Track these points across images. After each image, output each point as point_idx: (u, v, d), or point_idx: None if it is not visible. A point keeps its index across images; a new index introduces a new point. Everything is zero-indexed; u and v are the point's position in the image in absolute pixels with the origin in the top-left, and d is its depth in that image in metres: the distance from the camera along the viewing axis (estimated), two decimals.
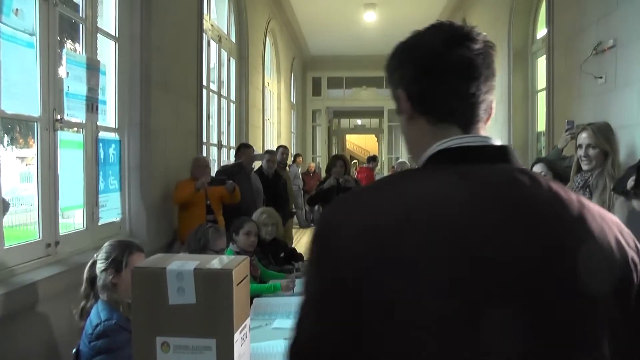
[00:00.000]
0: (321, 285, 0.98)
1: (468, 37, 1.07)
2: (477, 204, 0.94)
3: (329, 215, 1.03)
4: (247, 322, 1.67)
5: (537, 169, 3.95)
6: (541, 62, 7.29)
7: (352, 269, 0.92)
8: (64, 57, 3.73)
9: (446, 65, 1.06)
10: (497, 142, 1.05)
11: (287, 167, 8.76)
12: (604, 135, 3.60)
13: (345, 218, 0.98)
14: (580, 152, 3.66)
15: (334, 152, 21.67)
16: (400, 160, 10.87)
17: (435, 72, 1.06)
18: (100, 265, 2.61)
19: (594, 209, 1.00)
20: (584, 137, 3.65)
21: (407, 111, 1.11)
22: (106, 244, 2.71)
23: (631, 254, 0.98)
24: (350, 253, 0.93)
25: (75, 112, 3.82)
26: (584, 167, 3.59)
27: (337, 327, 0.95)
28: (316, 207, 8.24)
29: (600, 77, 4.72)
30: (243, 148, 6.71)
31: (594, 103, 4.92)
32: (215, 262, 1.58)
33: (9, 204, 3.56)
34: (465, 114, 1.07)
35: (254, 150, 6.86)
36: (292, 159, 13.47)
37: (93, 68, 4.04)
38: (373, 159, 10.68)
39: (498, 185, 0.98)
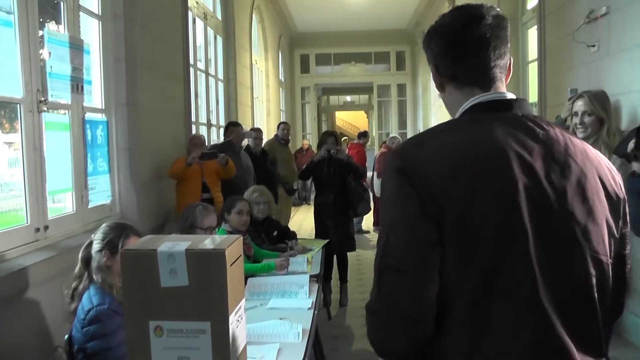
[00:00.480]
0: (408, 209, 1.21)
1: (481, 16, 1.35)
2: (509, 143, 1.25)
3: (408, 152, 1.28)
4: (242, 303, 1.62)
5: None
6: (532, 33, 7.21)
7: (436, 192, 1.20)
8: (46, 36, 3.62)
9: (463, 42, 1.36)
10: (510, 95, 1.38)
11: (288, 144, 8.59)
12: (600, 102, 3.56)
13: (427, 153, 1.25)
14: (576, 119, 3.62)
15: (324, 129, 21.55)
16: (391, 135, 10.78)
17: (456, 47, 1.37)
18: (96, 246, 2.55)
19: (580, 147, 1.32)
20: (579, 105, 3.61)
21: (437, 82, 1.44)
22: (104, 224, 2.65)
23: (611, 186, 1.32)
24: (434, 179, 1.20)
25: (59, 93, 3.72)
26: (579, 134, 3.54)
27: (425, 241, 1.20)
28: (308, 182, 8.13)
29: (593, 46, 4.66)
30: (232, 126, 6.63)
31: (588, 72, 4.87)
32: (208, 242, 1.52)
33: None
34: (481, 78, 1.38)
35: (242, 128, 6.79)
36: None
37: (76, 47, 3.93)
38: (364, 134, 10.59)
39: (515, 128, 1.29)
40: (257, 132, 7.47)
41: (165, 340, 1.47)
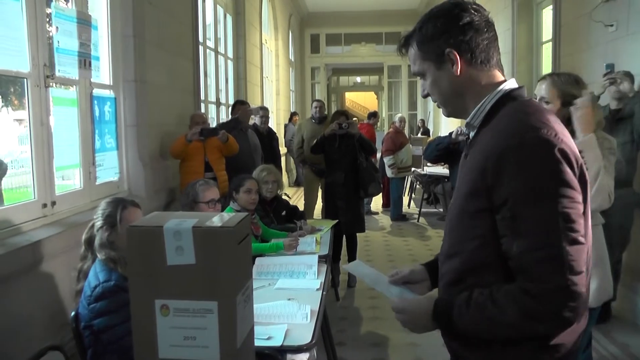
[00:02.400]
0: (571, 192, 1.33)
1: (480, 8, 1.52)
2: None
3: (541, 128, 1.35)
4: (250, 282, 1.58)
5: None
6: (546, 13, 7.09)
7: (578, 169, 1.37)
8: (53, 11, 3.56)
9: (486, 27, 1.49)
10: None
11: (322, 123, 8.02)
12: (562, 89, 2.79)
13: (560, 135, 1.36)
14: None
15: (333, 109, 21.44)
16: (399, 115, 10.67)
17: (481, 32, 1.48)
18: (97, 224, 2.53)
19: None
20: (538, 89, 2.89)
21: (459, 65, 1.48)
22: (101, 202, 2.62)
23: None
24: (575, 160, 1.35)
25: (67, 68, 3.67)
26: None
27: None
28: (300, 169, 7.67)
29: (611, 25, 4.55)
30: (238, 105, 6.56)
31: (604, 52, 4.77)
32: (215, 219, 1.47)
33: (7, 166, 3.47)
34: (500, 62, 1.53)
35: (249, 106, 6.71)
36: (289, 117, 13.28)
37: (84, 22, 3.87)
38: (373, 114, 10.49)
39: None
40: (264, 110, 7.41)
41: (171, 320, 1.43)
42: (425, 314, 1.49)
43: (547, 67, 6.86)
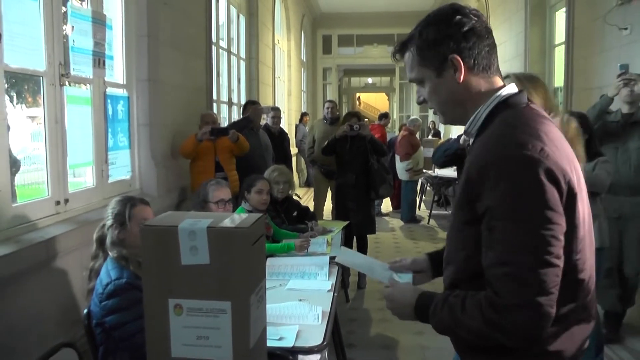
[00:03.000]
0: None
1: (479, 13, 1.50)
2: None
3: (526, 144, 1.32)
4: (263, 283, 1.58)
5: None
6: (559, 16, 7.06)
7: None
8: (69, 11, 3.59)
9: (487, 33, 1.47)
10: None
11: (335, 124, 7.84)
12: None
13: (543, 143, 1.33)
14: None
15: (345, 111, 21.42)
16: (412, 117, 10.63)
17: (483, 38, 1.46)
18: (107, 223, 2.54)
19: None
20: None
21: (462, 72, 1.46)
22: (111, 201, 2.64)
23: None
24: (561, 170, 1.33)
25: (81, 67, 3.70)
26: None
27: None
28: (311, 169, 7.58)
29: (625, 29, 4.53)
30: (249, 105, 6.55)
31: (618, 55, 4.74)
32: (230, 220, 1.48)
33: (20, 162, 3.49)
34: (499, 68, 1.52)
35: (260, 106, 6.69)
36: (299, 118, 13.29)
37: (99, 22, 3.90)
38: (385, 115, 10.46)
39: None
40: (276, 110, 7.40)
41: (185, 319, 1.44)
42: (409, 304, 1.55)
43: (559, 71, 6.82)
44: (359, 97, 30.12)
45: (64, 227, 3.34)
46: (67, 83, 3.51)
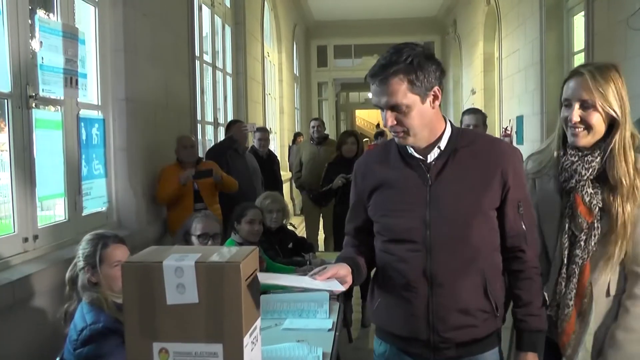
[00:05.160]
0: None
1: None
2: None
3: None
4: (258, 323, 1.59)
5: None
6: (578, 20, 7.14)
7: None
8: (36, 24, 3.63)
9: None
10: None
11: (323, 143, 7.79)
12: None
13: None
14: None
15: (343, 129, 21.50)
16: None
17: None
18: (79, 265, 2.55)
19: None
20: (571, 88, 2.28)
21: (439, 101, 2.01)
22: (83, 239, 2.64)
23: None
24: None
25: (51, 87, 3.72)
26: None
27: None
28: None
29: None
30: (232, 124, 6.54)
31: None
32: (220, 254, 1.49)
33: None
34: None
35: (243, 124, 6.61)
36: (292, 139, 13.34)
37: (70, 36, 3.94)
38: (381, 134, 10.56)
39: None
40: (263, 132, 7.38)
41: None
42: None
43: None
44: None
45: (33, 267, 3.32)
46: (35, 105, 3.52)
